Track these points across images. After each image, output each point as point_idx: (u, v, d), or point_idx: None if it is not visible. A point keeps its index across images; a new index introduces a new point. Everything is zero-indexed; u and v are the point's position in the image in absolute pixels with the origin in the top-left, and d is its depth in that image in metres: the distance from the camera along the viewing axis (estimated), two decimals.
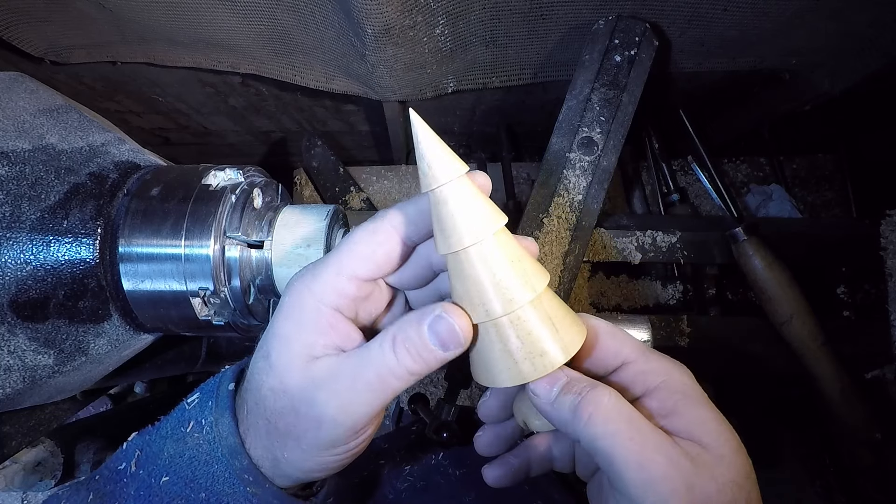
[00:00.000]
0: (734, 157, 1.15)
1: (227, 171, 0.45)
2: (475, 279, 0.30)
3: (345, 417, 0.30)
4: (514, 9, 0.73)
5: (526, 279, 0.30)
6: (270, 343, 0.32)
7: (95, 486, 0.36)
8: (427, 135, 0.29)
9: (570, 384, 0.31)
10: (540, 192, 0.73)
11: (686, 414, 0.31)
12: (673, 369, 0.33)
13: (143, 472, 0.34)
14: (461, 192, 0.30)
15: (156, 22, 0.76)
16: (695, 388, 0.33)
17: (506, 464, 0.38)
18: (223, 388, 0.35)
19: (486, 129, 1.14)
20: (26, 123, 0.42)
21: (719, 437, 0.30)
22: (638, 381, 0.33)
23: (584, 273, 0.89)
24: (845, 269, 0.92)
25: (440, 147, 0.29)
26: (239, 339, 0.79)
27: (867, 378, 0.83)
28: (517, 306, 0.30)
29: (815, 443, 1.03)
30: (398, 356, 0.30)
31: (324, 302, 0.31)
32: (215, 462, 0.33)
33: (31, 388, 0.41)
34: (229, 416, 0.34)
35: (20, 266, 0.39)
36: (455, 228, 0.30)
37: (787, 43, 0.78)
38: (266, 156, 1.33)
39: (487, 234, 0.30)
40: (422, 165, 0.29)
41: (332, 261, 0.32)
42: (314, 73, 0.86)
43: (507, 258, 0.30)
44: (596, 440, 0.29)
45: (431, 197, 0.30)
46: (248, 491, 0.33)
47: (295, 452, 0.32)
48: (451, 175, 0.29)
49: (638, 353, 0.34)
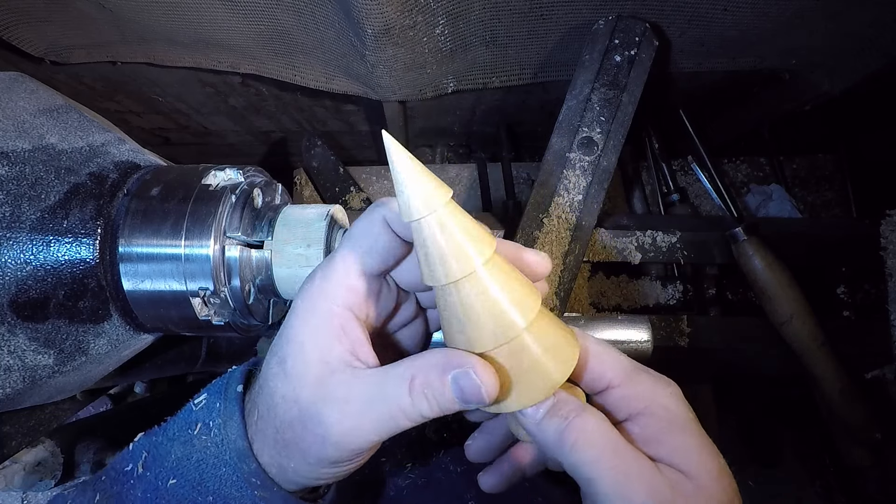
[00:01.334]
0: (734, 157, 1.15)
1: (227, 171, 0.45)
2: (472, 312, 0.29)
3: (348, 441, 0.30)
4: (514, 9, 0.73)
5: (520, 303, 0.29)
6: (286, 349, 0.32)
7: (102, 487, 0.36)
8: (405, 161, 0.27)
9: (557, 407, 0.31)
10: (540, 192, 0.73)
11: (668, 441, 0.31)
12: (658, 393, 0.33)
13: (151, 475, 0.34)
14: (446, 222, 0.28)
15: (156, 22, 0.76)
16: (680, 411, 0.32)
17: (500, 471, 0.38)
18: (231, 389, 0.35)
19: (486, 129, 1.14)
20: (26, 123, 0.42)
21: (700, 465, 0.30)
22: (622, 406, 0.33)
23: (584, 273, 0.89)
24: (845, 269, 0.92)
25: (420, 174, 0.27)
26: (239, 339, 0.79)
27: (867, 378, 0.83)
28: (513, 336, 0.29)
29: (815, 443, 1.03)
30: (414, 399, 0.29)
31: (336, 303, 0.31)
32: (223, 465, 0.33)
33: (31, 388, 0.41)
34: (238, 418, 0.33)
35: (20, 266, 0.39)
36: (443, 262, 0.28)
37: (787, 43, 0.78)
38: (266, 156, 1.33)
39: (476, 266, 0.28)
40: (400, 195, 0.28)
41: (338, 260, 0.32)
42: (314, 73, 0.86)
43: (499, 285, 0.29)
44: (579, 466, 0.29)
45: (414, 230, 0.29)
46: (256, 495, 0.33)
47: (300, 464, 0.32)
48: (434, 205, 0.27)
49: (623, 376, 0.33)
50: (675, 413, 0.32)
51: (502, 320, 0.29)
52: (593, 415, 0.30)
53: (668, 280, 0.98)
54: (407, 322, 0.38)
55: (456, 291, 0.29)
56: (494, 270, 0.29)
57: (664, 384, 0.33)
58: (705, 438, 0.32)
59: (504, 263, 0.30)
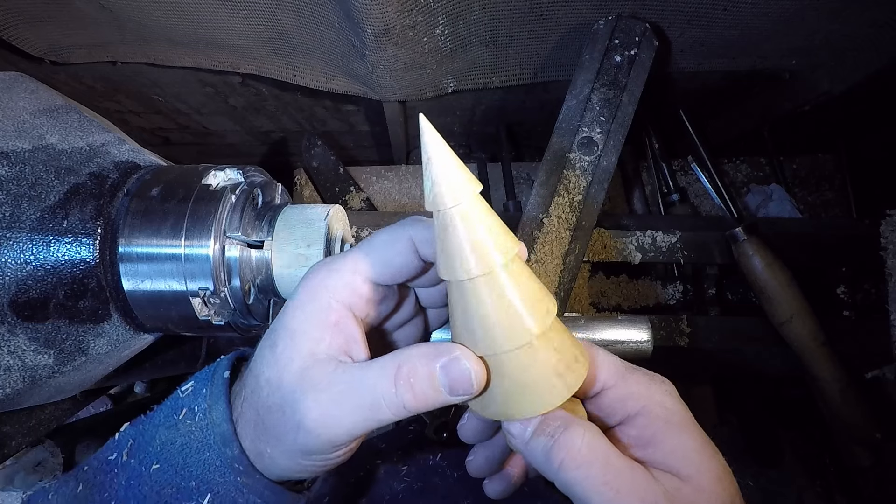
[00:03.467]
0: (734, 157, 1.15)
1: (228, 171, 0.45)
2: (486, 312, 0.28)
3: (323, 430, 0.30)
4: (514, 9, 0.73)
5: (536, 310, 0.28)
6: (278, 333, 0.31)
7: (84, 477, 0.35)
8: (438, 147, 0.27)
9: (544, 425, 0.30)
10: (540, 192, 0.73)
11: (665, 443, 0.30)
12: (654, 392, 0.32)
13: (135, 461, 0.34)
14: (471, 216, 0.27)
15: (156, 22, 0.76)
16: (677, 411, 0.32)
17: (506, 478, 0.37)
18: (218, 375, 0.35)
19: (486, 129, 1.14)
20: (26, 123, 0.42)
21: (700, 466, 0.29)
22: (617, 408, 0.32)
23: (584, 273, 0.89)
24: (845, 269, 0.92)
25: (451, 163, 0.27)
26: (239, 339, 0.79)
27: (867, 378, 0.83)
28: (523, 342, 0.28)
29: (815, 443, 1.03)
30: (398, 388, 0.29)
31: (336, 298, 0.31)
32: (207, 449, 0.32)
33: (31, 388, 0.41)
34: (223, 403, 0.33)
35: (20, 266, 0.39)
36: (463, 256, 0.27)
37: (787, 43, 0.78)
38: (266, 156, 1.33)
39: (497, 265, 0.27)
40: (427, 182, 0.27)
41: (350, 258, 0.32)
42: (314, 73, 0.86)
43: (518, 289, 0.28)
44: (570, 486, 0.28)
45: (437, 219, 0.28)
46: (238, 481, 0.32)
47: (276, 450, 0.31)
48: (461, 198, 0.27)
49: (617, 376, 0.33)
50: (671, 411, 0.31)
51: (514, 325, 0.28)
52: (581, 429, 0.29)
53: (668, 280, 0.98)
54: (406, 321, 0.38)
55: (472, 288, 0.28)
56: (514, 273, 0.28)
57: (658, 382, 0.33)
58: (704, 438, 0.31)
59: (525, 268, 0.29)
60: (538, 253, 0.71)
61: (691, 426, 0.31)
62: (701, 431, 0.31)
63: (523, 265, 0.30)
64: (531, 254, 0.71)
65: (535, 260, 0.71)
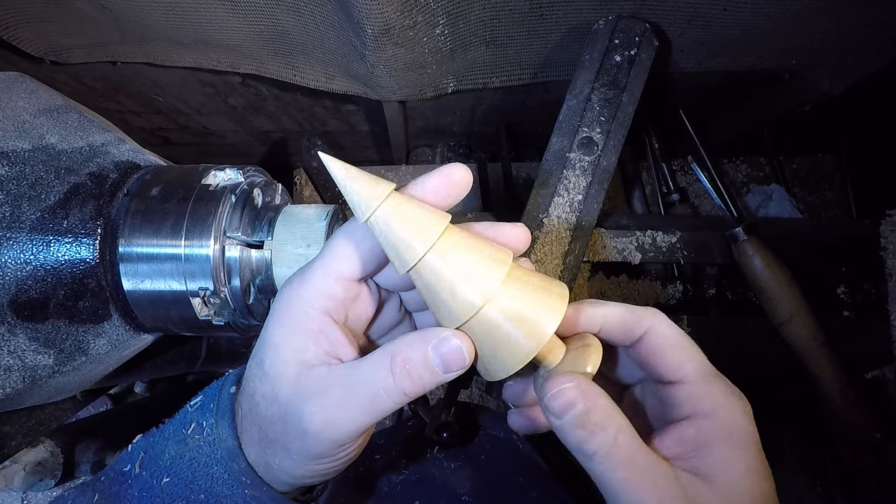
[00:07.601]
0: (734, 157, 1.15)
1: (227, 171, 0.45)
2: (445, 282, 0.30)
3: (330, 432, 0.30)
4: (514, 9, 0.73)
5: (492, 262, 0.30)
6: (263, 350, 0.32)
7: (101, 488, 0.36)
8: (340, 169, 0.29)
9: (584, 416, 0.30)
10: (540, 192, 0.73)
11: (718, 453, 0.30)
12: (729, 403, 0.32)
13: (146, 474, 0.35)
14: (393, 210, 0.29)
15: (156, 22, 0.76)
16: (744, 428, 0.31)
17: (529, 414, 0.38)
18: (225, 391, 0.35)
19: (486, 129, 1.14)
20: (26, 123, 0.42)
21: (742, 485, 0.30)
22: (687, 404, 0.32)
23: (584, 273, 0.89)
24: (845, 269, 0.92)
25: (357, 176, 0.29)
26: (239, 339, 0.79)
27: (867, 378, 0.83)
28: (473, 311, 0.30)
29: (815, 443, 1.03)
30: (395, 376, 0.30)
31: (312, 305, 0.31)
32: (215, 464, 0.33)
33: (31, 388, 0.41)
34: (229, 418, 0.34)
35: (20, 266, 0.39)
36: (405, 244, 0.29)
37: (787, 43, 0.78)
38: (266, 156, 1.33)
39: (420, 252, 0.29)
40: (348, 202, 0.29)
41: (317, 264, 0.32)
42: (314, 73, 0.86)
43: (465, 250, 0.30)
44: (600, 476, 0.29)
45: (369, 227, 0.30)
46: (246, 493, 0.33)
47: (285, 460, 0.32)
48: (378, 200, 0.29)
49: (698, 375, 0.33)
50: (737, 426, 0.31)
51: (461, 297, 0.30)
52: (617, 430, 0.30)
53: (668, 280, 0.98)
54: (392, 326, 0.38)
55: (418, 277, 0.30)
56: (448, 250, 0.30)
57: (738, 397, 0.33)
58: (761, 462, 0.31)
59: (463, 239, 0.31)
60: (538, 253, 0.71)
61: (752, 446, 0.31)
62: (761, 455, 0.31)
63: (459, 239, 0.30)
64: (531, 254, 0.71)
65: (535, 260, 0.71)
